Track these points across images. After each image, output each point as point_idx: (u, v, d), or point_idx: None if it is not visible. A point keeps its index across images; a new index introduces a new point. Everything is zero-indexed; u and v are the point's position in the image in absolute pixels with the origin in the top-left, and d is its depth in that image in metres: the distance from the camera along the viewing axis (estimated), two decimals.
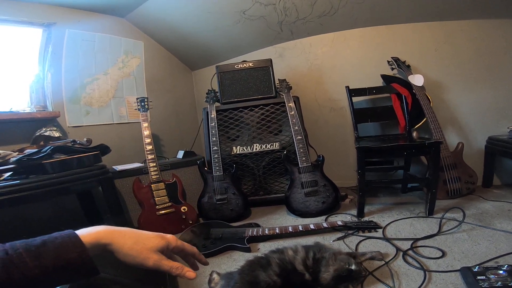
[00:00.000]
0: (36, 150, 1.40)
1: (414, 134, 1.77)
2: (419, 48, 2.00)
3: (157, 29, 2.46)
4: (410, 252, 1.16)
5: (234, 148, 1.96)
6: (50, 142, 1.62)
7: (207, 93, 2.01)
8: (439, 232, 1.30)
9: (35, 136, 1.71)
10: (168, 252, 0.60)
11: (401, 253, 1.15)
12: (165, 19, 2.32)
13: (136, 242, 0.56)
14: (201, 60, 2.81)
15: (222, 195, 1.78)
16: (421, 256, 1.12)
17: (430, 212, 1.51)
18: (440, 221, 1.40)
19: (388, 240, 1.29)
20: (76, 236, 0.50)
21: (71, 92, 2.04)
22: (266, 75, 2.01)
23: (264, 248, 1.34)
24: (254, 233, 1.42)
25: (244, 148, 1.96)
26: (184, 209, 1.73)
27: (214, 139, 1.87)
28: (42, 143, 1.68)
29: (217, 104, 2.02)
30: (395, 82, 1.95)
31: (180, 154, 2.17)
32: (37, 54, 1.96)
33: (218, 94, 2.04)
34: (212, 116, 1.92)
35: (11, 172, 1.19)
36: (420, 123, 1.87)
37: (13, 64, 1.88)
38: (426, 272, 1.00)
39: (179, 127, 2.77)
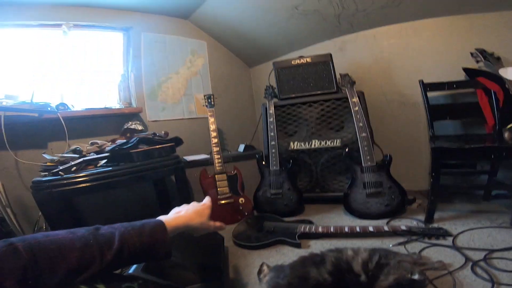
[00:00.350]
0: (125, 141, 1.65)
1: (506, 134, 1.49)
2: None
3: (216, 28, 2.60)
4: (482, 263, 1.03)
5: (291, 143, 1.98)
6: (135, 134, 1.89)
7: (265, 89, 2.05)
8: None
9: (123, 128, 2.02)
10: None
11: (471, 264, 1.03)
12: (223, 18, 2.44)
13: (199, 219, 0.77)
14: (258, 57, 2.87)
15: (277, 190, 1.83)
16: (494, 268, 0.98)
17: None
18: None
19: (457, 249, 1.15)
20: (163, 223, 0.66)
21: (150, 90, 2.34)
22: (326, 69, 1.95)
23: (316, 246, 1.34)
24: (307, 230, 1.42)
25: (302, 144, 1.95)
26: (241, 200, 1.83)
27: (272, 134, 1.91)
28: (128, 135, 1.97)
29: (275, 100, 2.05)
30: (482, 75, 1.66)
31: (241, 148, 2.29)
32: (121, 56, 2.29)
33: (276, 90, 2.07)
34: (270, 111, 1.96)
35: (106, 160, 1.45)
36: None
37: (106, 66, 2.24)
38: (495, 284, 0.89)
39: (240, 121, 2.91)
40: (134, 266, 0.75)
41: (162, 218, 0.70)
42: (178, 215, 0.75)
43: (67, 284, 0.48)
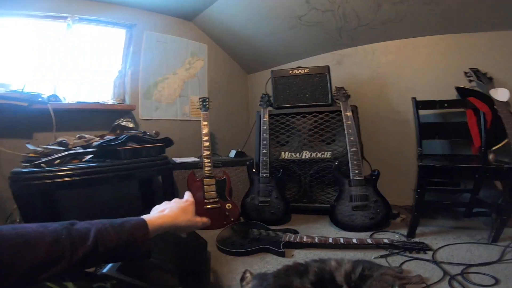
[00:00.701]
0: (114, 137, 1.63)
1: (491, 156, 1.52)
2: (505, 60, 1.72)
3: (219, 32, 2.62)
4: (459, 277, 1.04)
5: (283, 153, 1.98)
6: (125, 132, 1.87)
7: (261, 97, 2.06)
8: (499, 260, 1.14)
9: (113, 125, 1.99)
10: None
11: (448, 277, 1.05)
12: (227, 23, 2.46)
13: (185, 217, 0.75)
14: (257, 64, 2.90)
15: (265, 198, 1.81)
16: (470, 283, 1.00)
17: (495, 240, 1.32)
18: (504, 249, 1.22)
19: (436, 263, 1.17)
20: (145, 221, 0.64)
21: (145, 89, 2.33)
22: (322, 82, 1.97)
23: (300, 255, 1.33)
24: (291, 239, 1.41)
25: (293, 154, 1.96)
26: (228, 206, 1.81)
27: (265, 142, 1.91)
28: (118, 131, 1.94)
29: (270, 108, 2.06)
30: (473, 95, 1.71)
31: (232, 154, 2.28)
32: (121, 52, 2.28)
33: (271, 98, 2.08)
34: (265, 119, 1.96)
35: (92, 155, 1.42)
36: (500, 144, 1.60)
37: (103, 61, 2.22)
38: None
39: (233, 127, 2.91)
40: (108, 266, 0.72)
41: (145, 217, 0.67)
42: (162, 214, 0.72)
43: (30, 279, 0.46)
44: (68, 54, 2.03)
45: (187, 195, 0.85)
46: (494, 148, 1.62)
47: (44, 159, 1.21)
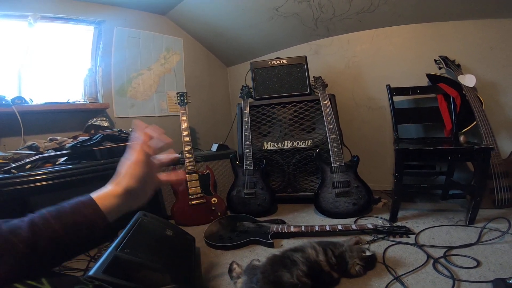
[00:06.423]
0: (88, 137, 1.55)
1: (461, 138, 1.63)
2: (471, 47, 1.82)
3: (195, 26, 2.56)
4: (442, 260, 1.09)
5: (265, 143, 1.99)
6: (100, 131, 1.79)
7: (241, 89, 2.04)
8: (477, 242, 1.21)
9: (87, 125, 1.90)
10: (152, 160, 0.59)
11: (432, 261, 1.09)
12: (202, 16, 2.40)
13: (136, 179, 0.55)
14: (236, 56, 2.87)
15: (251, 190, 1.82)
16: (453, 265, 1.05)
17: (471, 221, 1.40)
18: (481, 231, 1.29)
19: (419, 246, 1.22)
20: (89, 195, 0.54)
21: (119, 86, 2.23)
22: (300, 72, 1.99)
23: (288, 245, 1.35)
24: (279, 229, 1.43)
25: (275, 144, 1.97)
26: (214, 200, 1.80)
27: (247, 134, 1.90)
28: (92, 131, 1.86)
29: (250, 100, 2.05)
30: (443, 82, 1.80)
31: (214, 147, 2.25)
32: (90, 50, 2.17)
33: (251, 90, 2.07)
34: (245, 111, 1.95)
35: (66, 158, 1.34)
36: (469, 127, 1.71)
37: (70, 60, 2.09)
38: (455, 281, 0.94)
39: (214, 121, 2.87)
40: (94, 268, 0.70)
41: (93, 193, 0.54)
42: (112, 184, 0.55)
43: None
44: (32, 54, 1.90)
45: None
46: (464, 130, 1.73)
47: (14, 165, 1.13)
